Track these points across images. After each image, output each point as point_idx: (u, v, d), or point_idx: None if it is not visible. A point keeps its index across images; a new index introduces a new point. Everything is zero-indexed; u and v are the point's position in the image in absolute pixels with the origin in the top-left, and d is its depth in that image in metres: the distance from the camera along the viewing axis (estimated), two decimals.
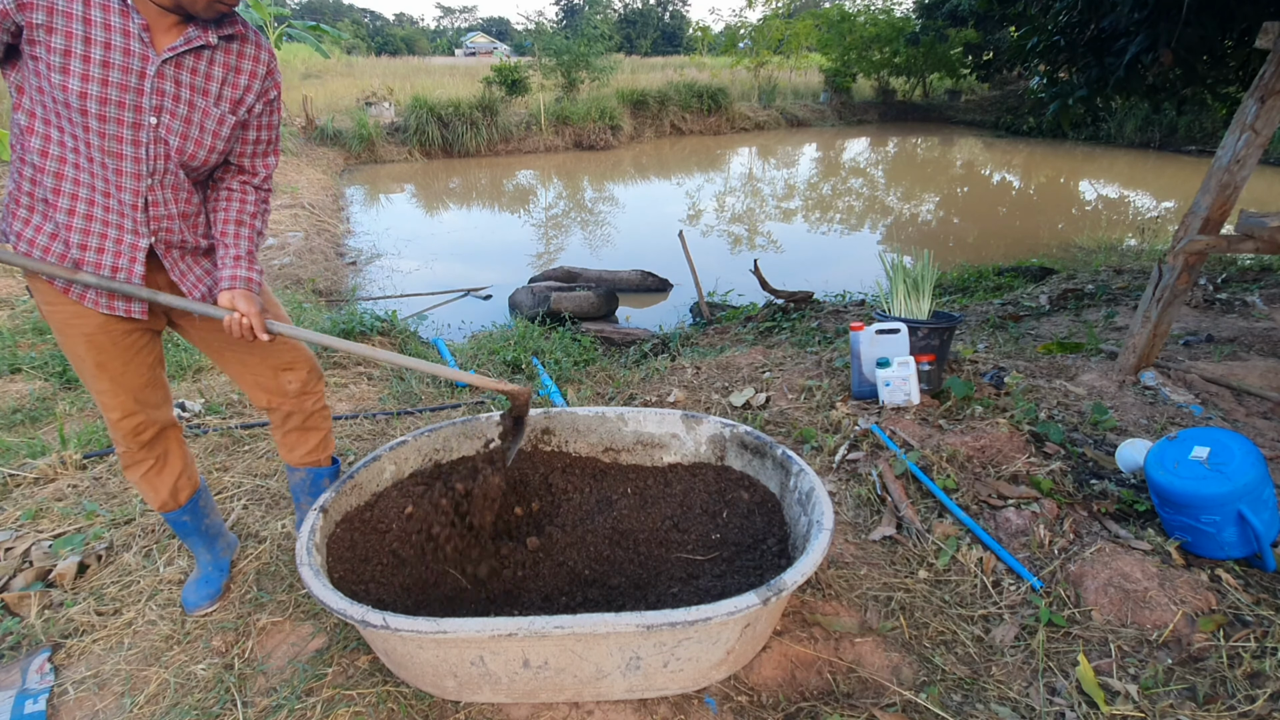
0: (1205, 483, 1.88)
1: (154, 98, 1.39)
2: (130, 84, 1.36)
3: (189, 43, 1.40)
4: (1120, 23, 4.28)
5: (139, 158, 1.42)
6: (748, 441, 2.10)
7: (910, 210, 10.49)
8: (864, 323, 2.91)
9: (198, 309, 1.55)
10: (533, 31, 17.68)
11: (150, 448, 1.76)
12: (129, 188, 1.44)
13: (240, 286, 1.56)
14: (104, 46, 1.32)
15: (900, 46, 20.12)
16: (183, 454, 1.86)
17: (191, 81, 1.44)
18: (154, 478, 1.80)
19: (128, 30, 1.34)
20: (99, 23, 1.31)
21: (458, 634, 1.39)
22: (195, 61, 1.43)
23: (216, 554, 2.01)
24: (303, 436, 1.92)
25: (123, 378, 1.63)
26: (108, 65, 1.33)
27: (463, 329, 5.26)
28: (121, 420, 1.68)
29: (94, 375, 1.61)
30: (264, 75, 1.54)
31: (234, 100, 1.51)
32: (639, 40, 52.69)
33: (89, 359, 1.59)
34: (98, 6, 1.31)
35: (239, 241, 1.59)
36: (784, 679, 1.68)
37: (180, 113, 1.43)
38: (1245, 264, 5.74)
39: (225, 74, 1.48)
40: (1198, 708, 1.53)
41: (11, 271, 5.10)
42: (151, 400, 1.71)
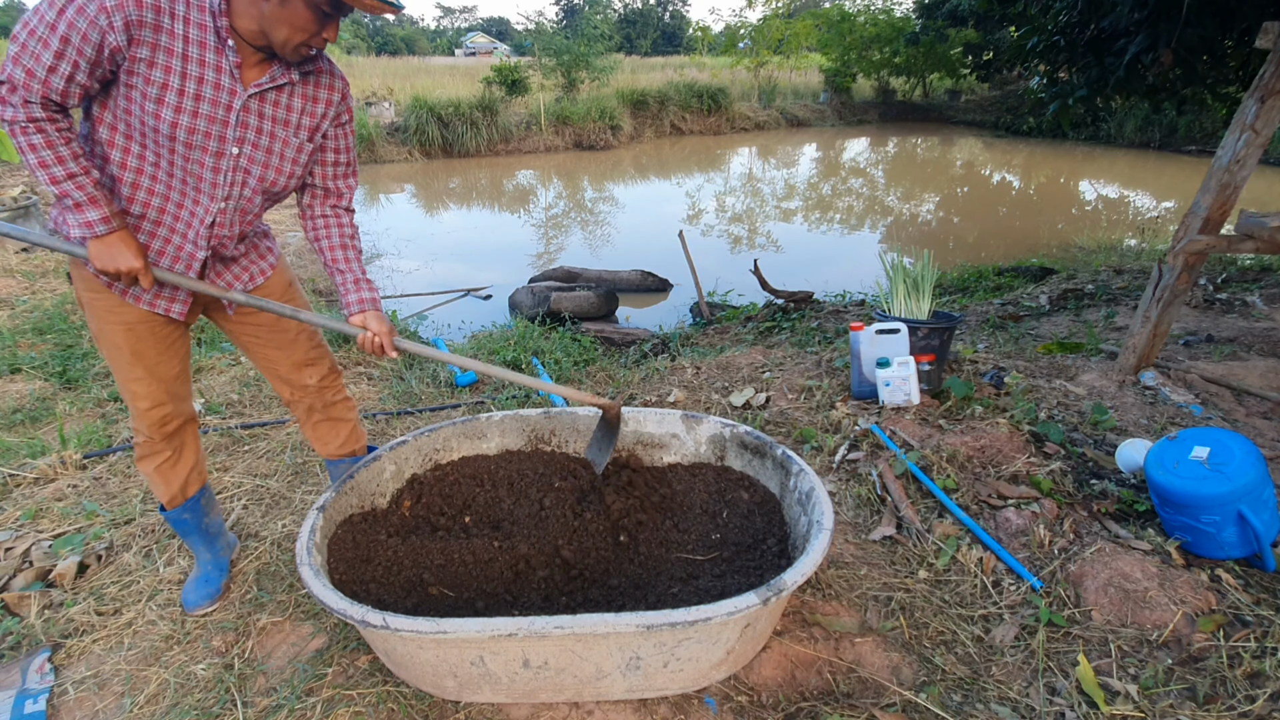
0: (1205, 483, 1.88)
1: (238, 130, 1.47)
2: (218, 116, 1.44)
3: (274, 80, 1.48)
4: (1120, 23, 4.28)
5: (216, 183, 1.50)
6: (748, 441, 2.10)
7: (910, 210, 10.49)
8: (864, 323, 2.91)
9: (334, 326, 1.66)
10: (533, 31, 17.67)
11: (171, 440, 1.81)
12: (204, 205, 1.52)
13: (370, 308, 1.68)
14: (197, 81, 1.39)
15: (900, 46, 20.11)
16: (197, 449, 1.91)
17: (274, 114, 1.52)
18: (168, 470, 1.84)
19: (220, 66, 1.41)
20: (195, 58, 1.38)
21: (458, 634, 1.39)
22: (277, 95, 1.51)
23: (216, 553, 2.03)
24: (333, 428, 2.00)
25: (157, 368, 1.69)
26: (199, 99, 1.40)
27: (463, 329, 5.26)
28: (151, 410, 1.72)
29: (129, 364, 1.66)
30: (338, 102, 1.62)
31: (311, 128, 1.59)
32: (639, 40, 52.71)
33: (126, 348, 1.64)
34: (195, 43, 1.37)
35: (352, 265, 1.71)
36: (784, 679, 1.68)
37: (262, 144, 1.52)
38: (1245, 264, 5.74)
39: (304, 104, 1.56)
40: (1198, 708, 1.53)
41: (12, 271, 5.10)
42: (180, 392, 1.77)
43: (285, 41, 1.39)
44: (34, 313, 4.31)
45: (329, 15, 1.38)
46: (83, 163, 1.38)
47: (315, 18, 1.37)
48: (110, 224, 1.42)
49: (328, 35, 1.42)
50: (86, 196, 1.39)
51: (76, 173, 1.37)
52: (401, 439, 2.06)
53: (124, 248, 1.45)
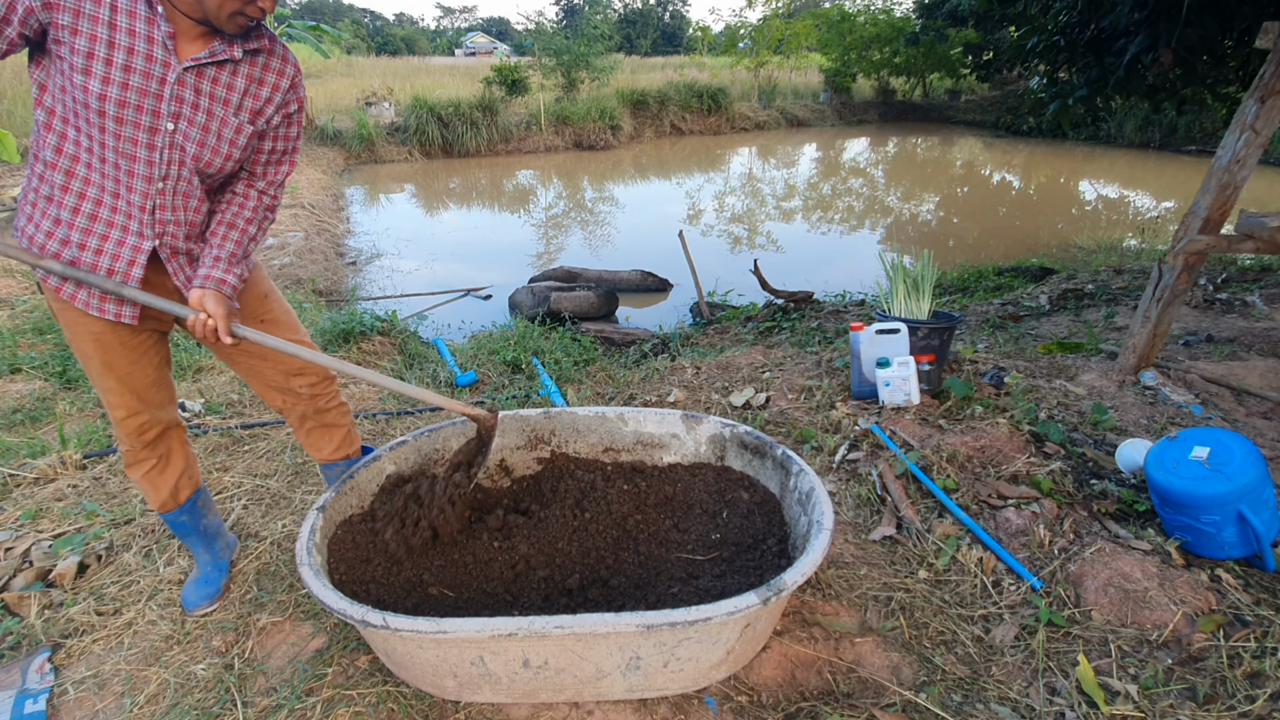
0: (1205, 483, 1.88)
1: (173, 104, 1.40)
2: (150, 89, 1.37)
3: (213, 55, 1.41)
4: (1120, 23, 4.28)
5: (152, 161, 1.43)
6: (748, 441, 2.10)
7: (910, 210, 10.49)
8: (864, 323, 2.91)
9: (167, 307, 1.52)
10: (533, 31, 17.67)
11: (153, 447, 1.77)
12: (139, 189, 1.44)
13: (210, 287, 1.52)
14: (127, 51, 1.33)
15: (900, 46, 20.11)
16: (185, 454, 1.87)
17: (212, 91, 1.44)
18: (155, 477, 1.81)
19: (152, 37, 1.35)
20: (124, 28, 1.32)
21: (458, 634, 1.39)
22: (218, 72, 1.44)
23: (215, 554, 2.02)
24: (326, 434, 1.96)
25: (129, 378, 1.64)
26: (129, 69, 1.34)
27: (463, 329, 5.26)
28: (126, 419, 1.69)
29: (100, 374, 1.62)
30: (286, 89, 1.55)
31: (253, 110, 1.52)
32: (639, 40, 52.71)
33: (96, 358, 1.60)
34: (124, 12, 1.32)
35: (224, 244, 1.57)
36: (784, 679, 1.68)
37: (199, 120, 1.44)
38: (1245, 264, 5.74)
39: (248, 85, 1.49)
40: (1198, 708, 1.53)
41: (12, 271, 5.10)
42: (156, 400, 1.72)
43: (218, 9, 1.32)
44: (34, 313, 4.31)
45: None
46: None
47: None
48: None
49: (263, 4, 1.35)
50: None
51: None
52: (401, 439, 2.06)
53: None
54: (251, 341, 1.58)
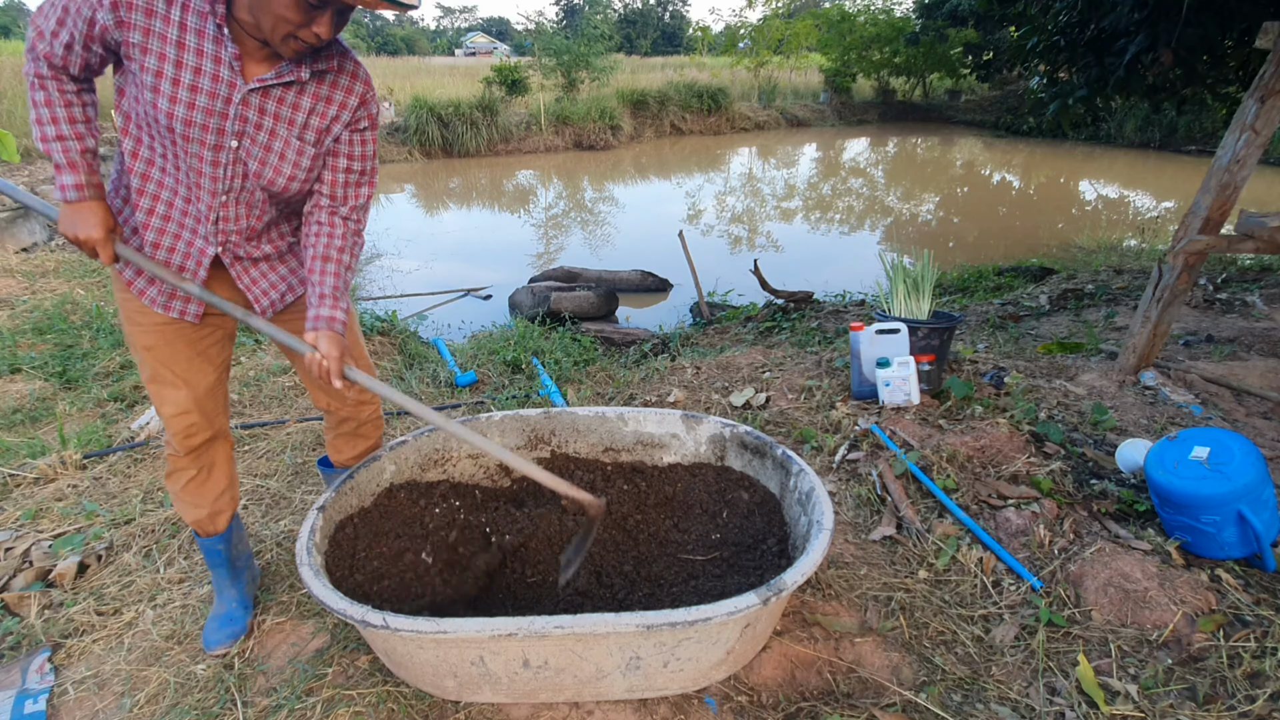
0: (1205, 483, 1.88)
1: (237, 123, 1.41)
2: (216, 108, 1.38)
3: (279, 77, 1.40)
4: (1120, 23, 4.28)
5: (216, 176, 1.44)
6: (748, 441, 2.10)
7: (910, 210, 10.49)
8: (864, 323, 2.91)
9: (284, 340, 1.56)
10: (533, 31, 17.68)
11: (197, 455, 1.72)
12: (204, 200, 1.47)
13: (323, 327, 1.52)
14: (194, 71, 1.34)
15: (900, 46, 20.13)
16: (229, 471, 1.81)
17: (277, 111, 1.44)
18: (195, 490, 1.74)
19: (219, 57, 1.35)
20: (192, 47, 1.33)
21: (458, 634, 1.39)
22: (284, 92, 1.43)
23: (242, 588, 1.91)
24: (351, 442, 1.96)
25: (187, 375, 1.63)
26: (195, 89, 1.35)
27: (463, 329, 5.26)
28: (176, 416, 1.64)
29: (155, 367, 1.61)
30: (355, 106, 1.51)
31: (319, 129, 1.49)
32: (639, 40, 52.71)
33: (153, 351, 1.60)
34: (193, 31, 1.33)
35: (324, 279, 1.55)
36: (784, 679, 1.68)
37: (261, 140, 1.44)
38: (1245, 264, 5.74)
39: (314, 104, 1.47)
40: (1198, 708, 1.53)
41: (13, 271, 5.10)
42: (209, 404, 1.69)
43: (272, 31, 1.30)
44: (34, 313, 4.31)
45: (316, 7, 1.27)
46: (77, 129, 1.40)
47: (299, 7, 1.26)
48: (82, 192, 1.41)
49: (318, 30, 1.31)
50: (67, 160, 1.40)
51: (66, 135, 1.39)
52: (401, 439, 2.06)
53: (90, 216, 1.42)
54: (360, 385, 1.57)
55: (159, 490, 2.53)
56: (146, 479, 2.61)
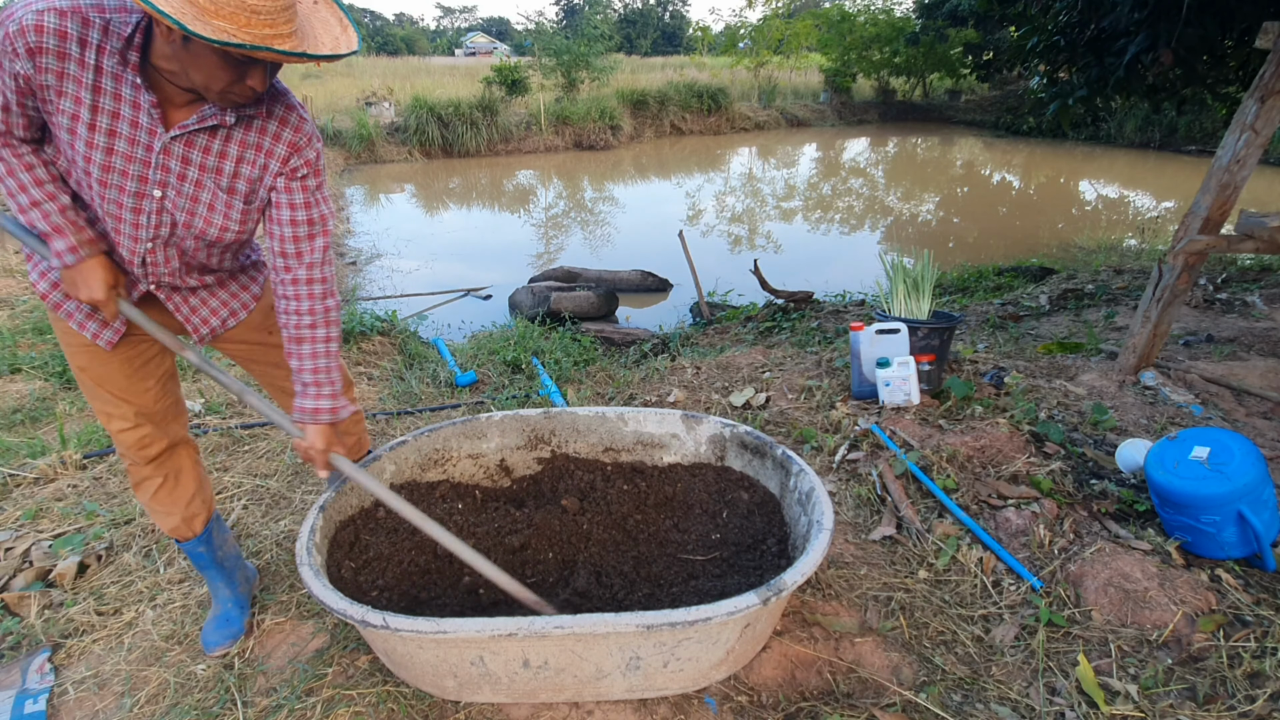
0: (1205, 483, 1.88)
1: (159, 173, 1.34)
2: (136, 155, 1.31)
3: (201, 121, 1.32)
4: (1120, 23, 4.28)
5: (138, 224, 1.38)
6: (748, 441, 2.10)
7: (910, 210, 10.50)
8: (864, 323, 2.91)
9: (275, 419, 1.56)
10: (533, 31, 17.67)
11: (159, 465, 1.69)
12: (125, 245, 1.40)
13: (308, 421, 1.51)
14: (111, 116, 1.27)
15: (900, 46, 20.12)
16: (197, 475, 1.79)
17: (202, 161, 1.36)
18: (165, 497, 1.72)
19: (138, 103, 1.28)
20: (109, 91, 1.26)
21: (458, 634, 1.39)
22: (209, 140, 1.35)
23: (235, 589, 1.90)
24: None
25: (127, 391, 1.59)
26: (114, 134, 1.29)
27: (463, 329, 5.26)
28: (124, 432, 1.61)
29: (93, 387, 1.58)
30: (285, 155, 1.41)
31: (251, 179, 1.41)
32: (639, 40, 52.72)
33: (89, 370, 1.56)
34: (110, 75, 1.25)
35: (303, 364, 1.51)
36: (784, 679, 1.68)
37: (186, 191, 1.37)
38: (1245, 264, 5.74)
39: (242, 152, 1.38)
40: (1198, 708, 1.53)
41: (12, 271, 5.11)
42: (159, 414, 1.65)
43: (205, 88, 1.23)
44: (34, 313, 4.31)
45: (243, 63, 1.20)
46: (46, 189, 1.33)
47: (227, 66, 1.19)
48: (78, 253, 1.36)
49: (252, 84, 1.24)
50: (51, 226, 1.34)
51: (40, 200, 1.33)
52: (401, 439, 2.06)
53: (90, 276, 1.38)
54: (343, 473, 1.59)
55: None
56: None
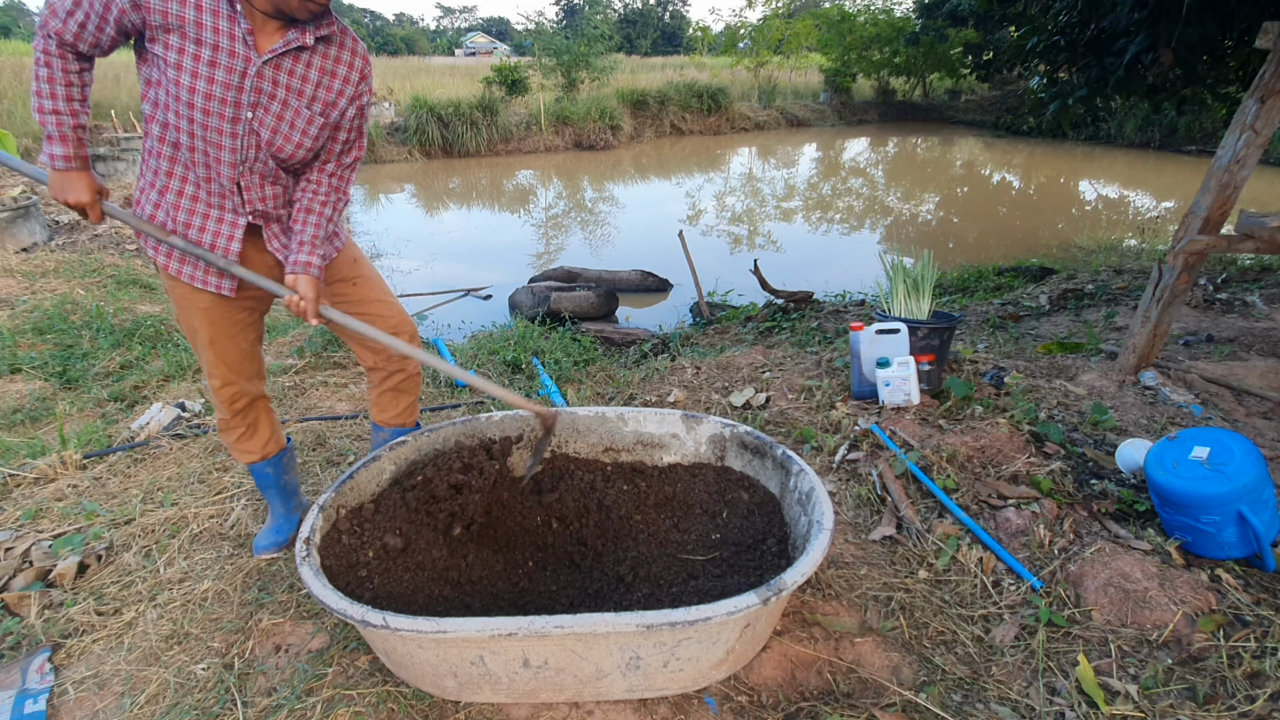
0: (1205, 483, 1.88)
1: (251, 95, 1.54)
2: (233, 82, 1.51)
3: (287, 45, 1.53)
4: (1120, 23, 4.28)
5: (235, 148, 1.58)
6: (748, 441, 2.10)
7: (910, 210, 10.49)
8: (864, 323, 2.91)
9: (266, 285, 1.69)
10: (533, 31, 17.67)
11: (243, 415, 1.97)
12: (226, 173, 1.60)
13: (300, 272, 1.69)
14: (212, 48, 1.47)
15: (900, 46, 20.12)
16: (270, 422, 2.07)
17: (288, 82, 1.57)
18: (244, 443, 2.02)
19: (233, 33, 1.48)
20: (209, 26, 1.46)
21: (458, 634, 1.39)
22: (293, 64, 1.57)
23: (290, 509, 2.21)
24: (395, 398, 2.12)
25: (226, 352, 1.83)
26: (214, 65, 1.48)
27: (463, 329, 5.25)
28: (221, 388, 1.89)
29: (205, 347, 1.81)
30: (357, 80, 1.66)
31: (326, 103, 1.64)
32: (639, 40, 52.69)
33: (202, 332, 1.79)
34: (209, 11, 1.45)
35: (304, 229, 1.72)
36: (784, 679, 1.68)
37: (274, 110, 1.57)
38: (1245, 264, 5.74)
39: (320, 77, 1.61)
40: (1198, 708, 1.53)
41: (12, 271, 5.10)
42: (247, 372, 1.91)
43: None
44: (34, 313, 4.31)
45: None
46: (73, 106, 1.51)
47: None
48: (70, 162, 1.54)
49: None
50: (59, 133, 1.51)
51: (61, 111, 1.50)
52: (401, 439, 2.06)
53: (78, 182, 1.56)
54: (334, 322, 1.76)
55: (159, 490, 2.53)
56: (146, 479, 2.61)
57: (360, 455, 2.76)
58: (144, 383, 3.45)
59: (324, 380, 3.49)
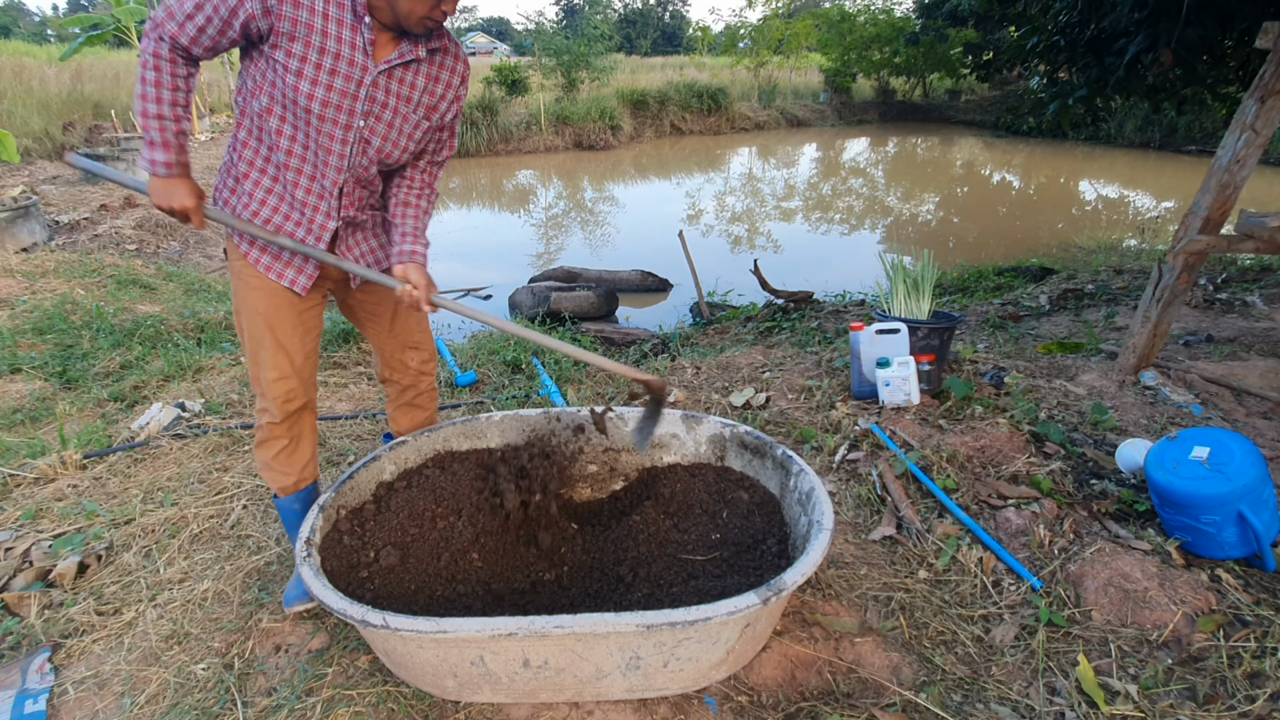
0: (1205, 483, 1.88)
1: (366, 104, 1.57)
2: (350, 90, 1.54)
3: (402, 57, 1.57)
4: (1120, 23, 4.28)
5: (343, 154, 1.61)
6: (748, 441, 2.10)
7: (910, 210, 10.49)
8: (864, 323, 2.91)
9: (375, 277, 1.73)
10: (533, 31, 17.68)
11: (292, 423, 1.85)
12: (331, 176, 1.63)
13: (407, 260, 1.73)
14: (334, 56, 1.50)
15: (900, 46, 20.12)
16: (314, 441, 1.97)
17: (399, 90, 1.61)
18: (285, 459, 1.88)
19: (355, 43, 1.52)
20: (333, 35, 1.49)
21: (458, 634, 1.39)
22: (404, 73, 1.60)
23: None
24: (410, 413, 2.12)
25: (289, 343, 1.77)
26: (334, 73, 1.52)
27: (463, 329, 5.25)
28: (278, 380, 1.77)
29: (263, 332, 1.74)
30: (458, 84, 1.71)
31: (429, 106, 1.68)
32: (639, 40, 52.67)
33: (262, 315, 1.73)
34: (334, 20, 1.49)
35: (406, 220, 1.77)
36: (784, 679, 1.68)
37: (385, 117, 1.61)
38: (1245, 264, 5.74)
39: (427, 84, 1.65)
40: (1198, 708, 1.53)
41: (13, 271, 5.10)
42: (306, 371, 1.84)
43: (409, 14, 1.48)
44: (34, 313, 4.31)
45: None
46: (177, 111, 1.52)
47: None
48: (172, 169, 1.55)
49: (446, 7, 1.50)
50: (163, 139, 1.52)
51: (166, 116, 1.51)
52: (401, 439, 2.06)
53: (181, 187, 1.56)
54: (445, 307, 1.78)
55: (159, 490, 2.53)
56: (146, 479, 2.61)
57: (360, 455, 2.76)
58: (144, 383, 3.45)
59: (324, 380, 3.49)
